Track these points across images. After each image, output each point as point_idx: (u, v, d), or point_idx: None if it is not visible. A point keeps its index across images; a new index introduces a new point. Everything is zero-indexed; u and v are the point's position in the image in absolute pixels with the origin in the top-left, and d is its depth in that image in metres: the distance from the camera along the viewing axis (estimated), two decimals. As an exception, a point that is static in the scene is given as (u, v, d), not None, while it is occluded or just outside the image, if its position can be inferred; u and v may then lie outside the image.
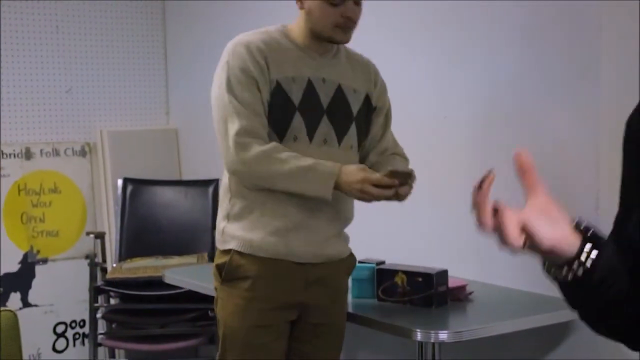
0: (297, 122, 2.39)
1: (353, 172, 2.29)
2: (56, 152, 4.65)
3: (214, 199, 4.47)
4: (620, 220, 1.19)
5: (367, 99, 2.49)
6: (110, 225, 4.71)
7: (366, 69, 2.51)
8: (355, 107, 2.49)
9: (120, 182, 4.67)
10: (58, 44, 4.64)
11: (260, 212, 2.39)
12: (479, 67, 3.06)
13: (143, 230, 4.57)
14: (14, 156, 4.56)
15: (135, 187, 4.64)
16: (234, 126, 2.30)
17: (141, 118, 4.91)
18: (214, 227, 5.15)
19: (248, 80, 2.31)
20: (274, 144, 2.34)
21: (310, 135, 2.39)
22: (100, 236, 4.56)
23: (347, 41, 2.42)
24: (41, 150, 4.62)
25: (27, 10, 4.56)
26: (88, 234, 4.61)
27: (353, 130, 2.49)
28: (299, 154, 2.34)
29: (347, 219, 2.56)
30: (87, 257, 4.51)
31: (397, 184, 2.27)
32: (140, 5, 4.87)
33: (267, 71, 2.33)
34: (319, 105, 2.40)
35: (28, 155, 4.55)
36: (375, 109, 2.53)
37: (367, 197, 2.30)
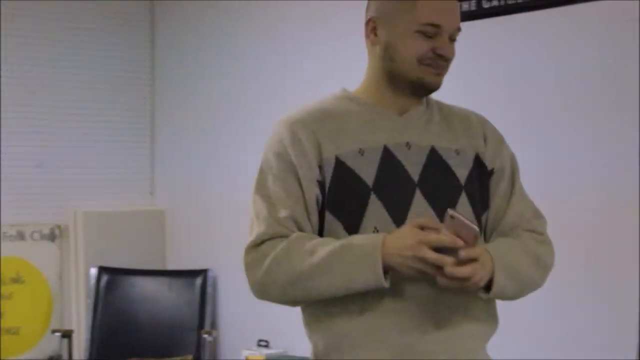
0: (375, 207, 1.93)
1: (404, 233, 1.86)
2: (21, 236, 4.57)
3: (202, 293, 4.48)
4: None
5: (478, 160, 2.07)
6: (80, 322, 4.60)
7: (467, 123, 2.11)
8: (461, 172, 2.03)
9: (94, 271, 4.55)
10: (30, 111, 4.57)
11: (351, 345, 1.96)
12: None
13: (118, 329, 4.46)
14: (-29, 240, 4.46)
15: (112, 277, 4.52)
16: (248, 239, 1.97)
17: (121, 197, 4.83)
18: (201, 326, 4.72)
19: (284, 168, 1.98)
20: (295, 235, 1.93)
21: (399, 220, 1.93)
22: (67, 335, 4.39)
23: (438, 86, 2.02)
24: (4, 234, 4.53)
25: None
26: (54, 331, 4.46)
27: (464, 202, 2.00)
28: (333, 237, 1.93)
29: (487, 329, 2.02)
30: (51, 359, 4.46)
31: (460, 245, 1.80)
32: (127, 70, 4.85)
33: (319, 150, 1.97)
34: (407, 179, 1.99)
35: (-13, 239, 4.48)
36: (492, 172, 2.09)
37: (421, 267, 1.83)
